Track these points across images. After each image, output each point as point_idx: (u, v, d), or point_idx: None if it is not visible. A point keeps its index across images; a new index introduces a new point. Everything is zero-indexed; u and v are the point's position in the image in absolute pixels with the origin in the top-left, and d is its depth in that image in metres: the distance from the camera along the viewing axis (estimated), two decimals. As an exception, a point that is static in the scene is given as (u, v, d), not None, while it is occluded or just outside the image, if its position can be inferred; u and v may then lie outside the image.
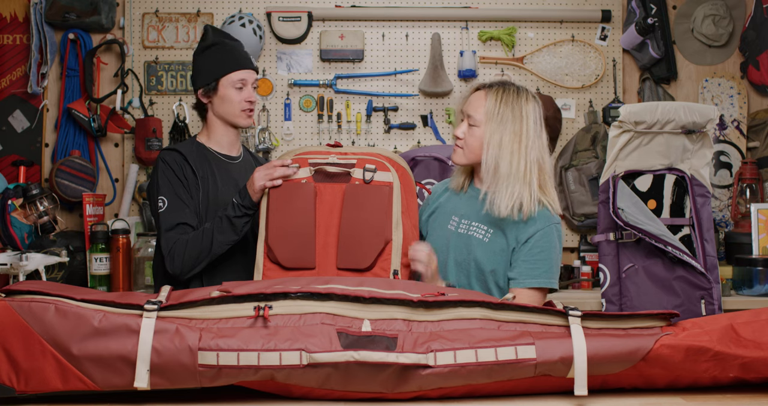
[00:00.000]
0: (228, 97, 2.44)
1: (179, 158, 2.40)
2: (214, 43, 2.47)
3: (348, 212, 2.02)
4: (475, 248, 2.12)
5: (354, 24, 3.73)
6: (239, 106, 2.45)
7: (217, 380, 1.48)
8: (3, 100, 3.60)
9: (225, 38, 2.51)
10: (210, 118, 2.51)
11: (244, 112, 2.46)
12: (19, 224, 3.24)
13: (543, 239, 2.10)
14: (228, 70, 2.44)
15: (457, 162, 2.20)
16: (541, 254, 2.10)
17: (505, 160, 2.08)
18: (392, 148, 3.70)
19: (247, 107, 2.46)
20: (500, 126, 2.10)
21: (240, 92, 2.44)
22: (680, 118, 2.92)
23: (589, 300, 3.09)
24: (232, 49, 2.47)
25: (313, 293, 1.55)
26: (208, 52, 2.47)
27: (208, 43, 2.48)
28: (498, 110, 2.11)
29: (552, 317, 1.57)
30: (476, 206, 2.18)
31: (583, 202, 3.59)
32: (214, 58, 2.45)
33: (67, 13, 3.52)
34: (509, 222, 2.11)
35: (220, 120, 2.49)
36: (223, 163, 2.48)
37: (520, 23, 3.76)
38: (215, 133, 2.51)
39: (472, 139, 2.14)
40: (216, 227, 2.25)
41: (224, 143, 2.51)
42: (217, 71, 2.44)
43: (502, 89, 2.14)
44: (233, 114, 2.46)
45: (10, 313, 1.47)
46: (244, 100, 2.45)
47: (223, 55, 2.46)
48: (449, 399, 1.54)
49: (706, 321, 1.60)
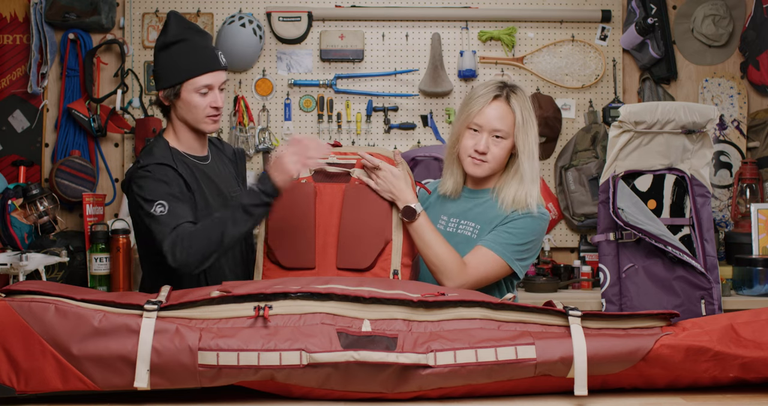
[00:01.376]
0: (192, 103, 2.21)
1: (170, 173, 2.17)
2: (177, 40, 2.21)
3: (348, 212, 2.02)
4: (462, 246, 2.11)
5: (354, 24, 3.73)
6: (203, 113, 2.22)
7: (217, 380, 1.48)
8: (3, 100, 3.60)
9: (189, 32, 2.24)
10: (174, 120, 2.29)
11: (210, 118, 2.24)
12: (19, 224, 3.24)
13: (526, 221, 2.09)
14: (191, 75, 2.19)
15: (480, 175, 2.14)
16: (516, 231, 2.07)
17: (535, 162, 2.11)
18: (392, 148, 3.70)
19: (213, 113, 2.24)
20: (528, 133, 2.10)
21: (204, 98, 2.21)
22: (680, 118, 2.92)
23: (589, 300, 3.09)
24: (196, 48, 2.22)
25: (313, 293, 1.55)
26: (172, 49, 2.22)
27: (170, 38, 2.22)
28: (524, 118, 2.09)
29: (552, 317, 1.57)
30: (471, 207, 2.17)
31: (583, 202, 3.59)
32: (177, 59, 2.20)
33: (67, 13, 3.52)
34: (502, 217, 2.10)
35: (183, 124, 2.27)
36: (197, 167, 2.29)
37: (520, 23, 3.76)
38: (183, 137, 2.29)
39: (500, 152, 2.10)
40: (229, 217, 1.99)
41: (195, 146, 2.31)
42: (179, 74, 2.20)
43: (515, 95, 2.11)
44: (197, 120, 2.23)
45: (10, 313, 1.47)
46: (209, 105, 2.22)
47: (188, 55, 2.21)
48: (449, 399, 1.54)
49: (706, 321, 1.61)
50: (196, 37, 2.24)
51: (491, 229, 2.10)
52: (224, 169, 2.40)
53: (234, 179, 2.41)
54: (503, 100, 2.09)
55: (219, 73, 2.24)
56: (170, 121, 2.30)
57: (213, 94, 2.23)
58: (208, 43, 2.27)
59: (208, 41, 2.28)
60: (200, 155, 2.33)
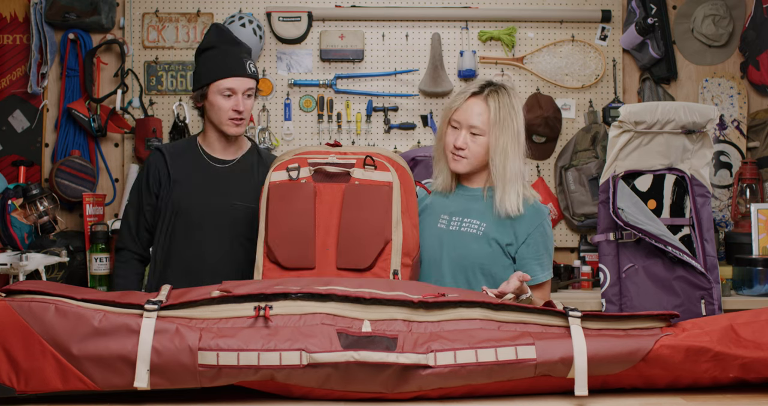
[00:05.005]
0: (216, 105, 2.41)
1: (159, 161, 2.48)
2: (212, 46, 2.43)
3: (348, 212, 2.02)
4: (469, 243, 2.14)
5: (354, 24, 3.73)
6: (226, 115, 2.41)
7: (217, 380, 1.48)
8: (3, 100, 3.60)
9: (225, 41, 2.45)
10: (205, 122, 2.52)
11: (232, 121, 2.42)
12: (19, 224, 3.24)
13: (540, 234, 2.18)
14: (216, 78, 2.40)
15: (461, 171, 2.21)
16: (543, 249, 2.18)
17: (510, 162, 2.14)
18: (392, 148, 3.70)
19: (235, 116, 2.41)
20: (503, 131, 2.14)
21: (228, 100, 2.40)
22: (680, 118, 2.91)
23: (589, 300, 3.09)
24: (227, 54, 2.42)
25: (314, 293, 1.55)
26: (204, 54, 2.44)
27: (205, 45, 2.45)
28: (499, 116, 2.14)
29: (552, 318, 1.57)
30: (470, 204, 2.20)
31: (583, 202, 3.59)
32: (208, 63, 2.42)
33: (67, 13, 3.52)
34: (505, 217, 2.15)
35: (211, 124, 2.49)
36: (209, 167, 2.49)
37: (520, 23, 3.76)
38: (208, 136, 2.51)
39: (477, 148, 2.16)
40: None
41: (216, 147, 2.51)
42: (207, 77, 2.41)
43: (496, 93, 2.16)
44: (220, 122, 2.43)
45: (10, 313, 1.47)
46: (231, 108, 2.40)
47: (217, 60, 2.41)
48: (449, 399, 1.54)
49: (706, 322, 1.61)
50: (227, 45, 2.43)
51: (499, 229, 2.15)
52: (247, 180, 2.48)
53: (256, 193, 2.38)
54: (482, 97, 2.16)
55: (244, 79, 2.40)
56: (204, 122, 2.53)
57: (236, 98, 2.40)
58: (240, 52, 2.44)
59: (240, 51, 2.44)
60: (221, 158, 2.51)
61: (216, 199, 2.45)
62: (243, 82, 2.41)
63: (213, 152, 2.51)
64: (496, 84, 2.19)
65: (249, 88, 2.42)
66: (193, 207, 2.44)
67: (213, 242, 2.44)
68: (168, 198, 2.46)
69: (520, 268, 2.15)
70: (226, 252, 2.43)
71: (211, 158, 2.50)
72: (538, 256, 2.17)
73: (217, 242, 2.44)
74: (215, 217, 2.44)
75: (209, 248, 2.43)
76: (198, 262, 2.42)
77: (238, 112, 2.41)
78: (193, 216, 2.44)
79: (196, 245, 2.44)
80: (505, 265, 2.15)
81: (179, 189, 2.45)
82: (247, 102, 2.42)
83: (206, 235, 2.44)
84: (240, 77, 2.40)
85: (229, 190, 2.46)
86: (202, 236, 2.44)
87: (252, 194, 2.40)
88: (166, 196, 2.46)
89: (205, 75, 2.42)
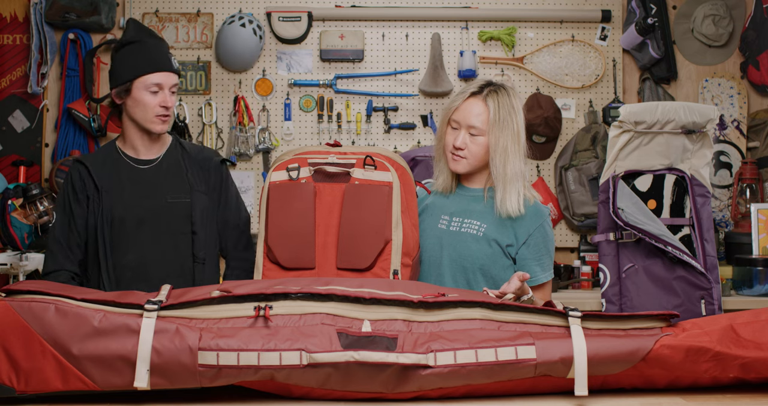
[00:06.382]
0: (141, 101, 2.29)
1: (83, 173, 2.33)
2: (135, 40, 2.31)
3: (348, 212, 2.02)
4: (469, 243, 2.14)
5: (354, 24, 3.73)
6: (153, 112, 2.29)
7: (217, 380, 1.48)
8: (3, 100, 3.60)
9: (146, 35, 2.35)
10: (124, 120, 2.37)
11: (158, 117, 2.30)
12: (19, 224, 3.24)
13: (541, 235, 2.18)
14: (142, 72, 2.28)
15: (460, 171, 2.20)
16: (544, 250, 2.18)
17: (510, 162, 2.14)
18: (392, 148, 3.70)
19: (162, 113, 2.30)
20: (503, 131, 2.14)
21: (155, 96, 2.29)
22: (680, 118, 2.92)
23: (589, 300, 3.09)
24: (150, 49, 2.31)
25: (314, 293, 1.55)
26: (125, 49, 2.32)
27: (126, 39, 2.33)
28: (499, 116, 2.13)
29: (552, 318, 1.57)
30: (470, 205, 2.20)
31: (583, 202, 3.59)
32: (130, 58, 2.30)
33: (67, 13, 3.52)
34: (505, 218, 2.15)
35: (133, 123, 2.35)
36: (133, 170, 2.37)
37: (520, 23, 3.76)
38: (129, 137, 2.37)
39: (477, 148, 2.16)
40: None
41: (139, 147, 2.37)
42: (131, 72, 2.29)
43: (495, 93, 2.16)
44: (146, 119, 2.30)
45: (10, 313, 1.47)
46: (158, 104, 2.29)
47: (140, 54, 2.30)
48: (449, 399, 1.54)
49: (706, 322, 1.61)
50: (150, 39, 2.34)
51: (500, 230, 2.15)
52: (175, 175, 2.39)
53: (187, 186, 2.38)
54: (480, 97, 2.15)
55: (170, 74, 2.32)
56: (122, 122, 2.38)
57: (163, 94, 2.30)
58: (163, 47, 2.36)
59: (162, 45, 2.37)
60: (144, 158, 2.38)
61: (148, 201, 2.35)
62: (170, 77, 2.32)
63: (136, 154, 2.38)
64: (496, 84, 2.19)
65: (174, 84, 2.34)
66: (128, 213, 2.32)
67: (155, 242, 2.34)
68: (98, 209, 2.32)
69: (520, 268, 2.14)
70: (168, 249, 2.34)
71: (135, 161, 2.38)
72: (538, 256, 2.17)
73: (159, 241, 2.34)
74: (152, 218, 2.35)
75: (151, 249, 2.33)
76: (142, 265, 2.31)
77: (166, 107, 2.30)
78: (129, 222, 2.33)
79: (138, 249, 2.33)
80: (505, 265, 2.15)
81: (109, 198, 2.33)
82: (172, 98, 2.33)
83: (146, 237, 2.34)
84: (167, 72, 2.31)
85: (159, 189, 2.36)
86: (143, 238, 2.33)
87: (183, 187, 2.36)
88: (96, 208, 2.32)
89: (129, 70, 2.29)
